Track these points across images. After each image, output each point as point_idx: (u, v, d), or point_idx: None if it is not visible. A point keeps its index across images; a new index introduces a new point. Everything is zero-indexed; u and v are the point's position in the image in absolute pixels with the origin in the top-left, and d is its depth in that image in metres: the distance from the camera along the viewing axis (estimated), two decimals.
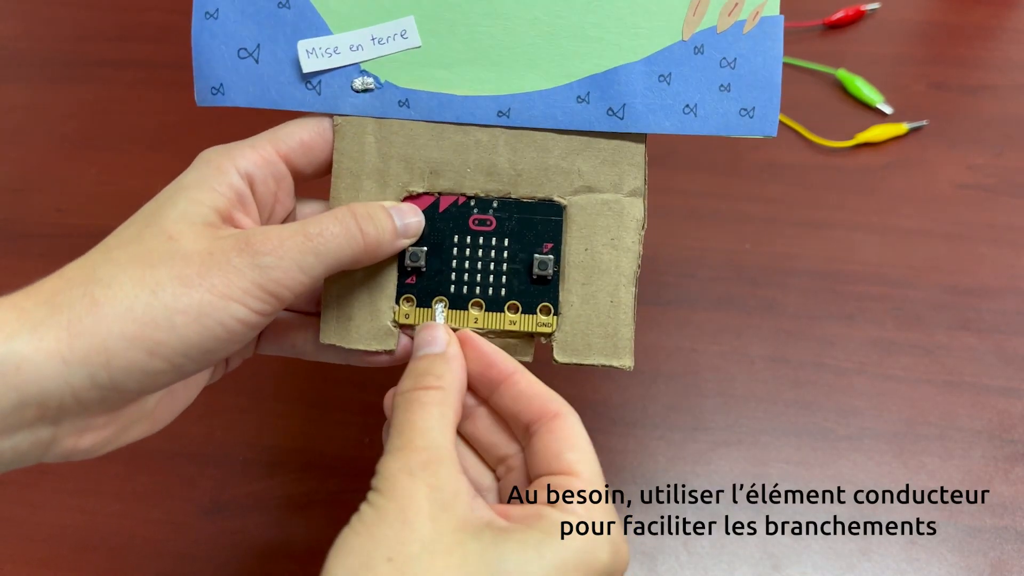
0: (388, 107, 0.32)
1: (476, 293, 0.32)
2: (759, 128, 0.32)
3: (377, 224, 0.29)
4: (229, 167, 0.29)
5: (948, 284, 0.50)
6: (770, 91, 0.31)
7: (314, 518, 0.42)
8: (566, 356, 0.32)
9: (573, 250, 0.32)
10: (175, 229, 0.27)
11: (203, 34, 0.31)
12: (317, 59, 0.31)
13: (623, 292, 0.32)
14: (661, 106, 0.31)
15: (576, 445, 0.28)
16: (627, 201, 0.32)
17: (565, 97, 0.31)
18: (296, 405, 0.46)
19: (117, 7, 0.65)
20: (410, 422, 0.27)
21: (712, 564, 0.41)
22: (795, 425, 0.45)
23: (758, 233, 0.52)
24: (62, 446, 0.27)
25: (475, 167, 0.32)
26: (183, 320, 0.25)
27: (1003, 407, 0.45)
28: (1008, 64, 0.60)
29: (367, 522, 0.25)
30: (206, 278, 0.26)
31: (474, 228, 0.32)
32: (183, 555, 0.41)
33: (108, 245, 0.27)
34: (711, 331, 0.48)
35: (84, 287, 0.25)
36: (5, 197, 0.55)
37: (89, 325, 0.25)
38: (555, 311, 0.32)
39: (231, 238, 0.27)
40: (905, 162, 0.55)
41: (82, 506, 0.43)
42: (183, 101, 0.59)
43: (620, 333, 0.32)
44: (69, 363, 0.25)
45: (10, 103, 0.60)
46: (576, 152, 0.32)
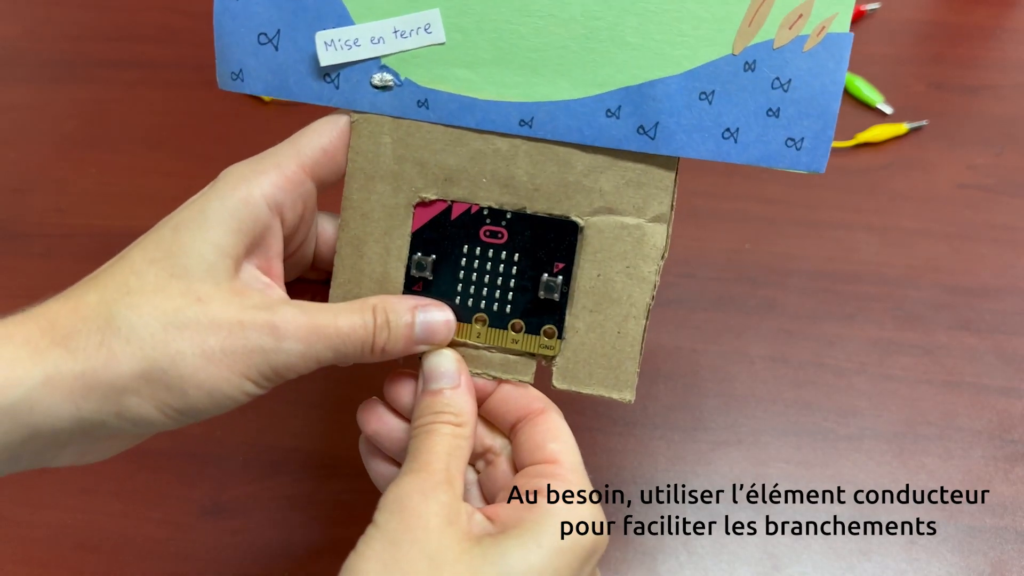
0: (407, 107, 0.30)
1: (481, 307, 0.31)
2: (806, 163, 0.28)
3: (391, 335, 0.29)
4: (258, 198, 0.28)
5: (948, 284, 0.50)
6: (824, 120, 0.28)
7: (314, 518, 0.42)
8: (565, 383, 0.31)
9: (585, 274, 0.30)
10: (203, 290, 0.26)
11: (224, 15, 0.30)
12: (336, 52, 0.30)
13: (632, 324, 0.30)
14: (698, 127, 0.28)
15: (558, 437, 0.29)
16: (649, 227, 0.30)
17: (593, 110, 0.29)
18: (296, 405, 0.46)
19: (117, 7, 0.65)
20: (428, 448, 0.28)
21: (712, 564, 0.41)
22: (795, 425, 0.45)
23: (758, 233, 0.52)
24: (64, 461, 0.28)
25: (492, 177, 0.30)
26: (196, 393, 0.26)
27: (1003, 407, 0.45)
28: (1008, 64, 0.60)
29: (375, 547, 0.25)
30: (228, 355, 0.26)
31: (485, 239, 0.31)
32: (183, 555, 0.41)
33: (128, 285, 0.26)
34: (711, 331, 0.48)
35: (102, 335, 0.25)
36: (5, 197, 0.55)
37: (105, 379, 0.25)
38: (559, 335, 0.31)
39: (264, 314, 0.27)
40: (905, 162, 0.55)
41: (82, 506, 0.43)
42: (183, 101, 0.59)
43: (624, 367, 0.30)
44: (82, 408, 0.25)
45: (10, 103, 0.60)
46: (600, 170, 0.30)
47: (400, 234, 0.31)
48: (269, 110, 0.58)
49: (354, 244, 0.31)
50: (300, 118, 0.31)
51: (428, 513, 0.25)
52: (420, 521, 0.25)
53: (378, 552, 0.25)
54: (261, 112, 0.58)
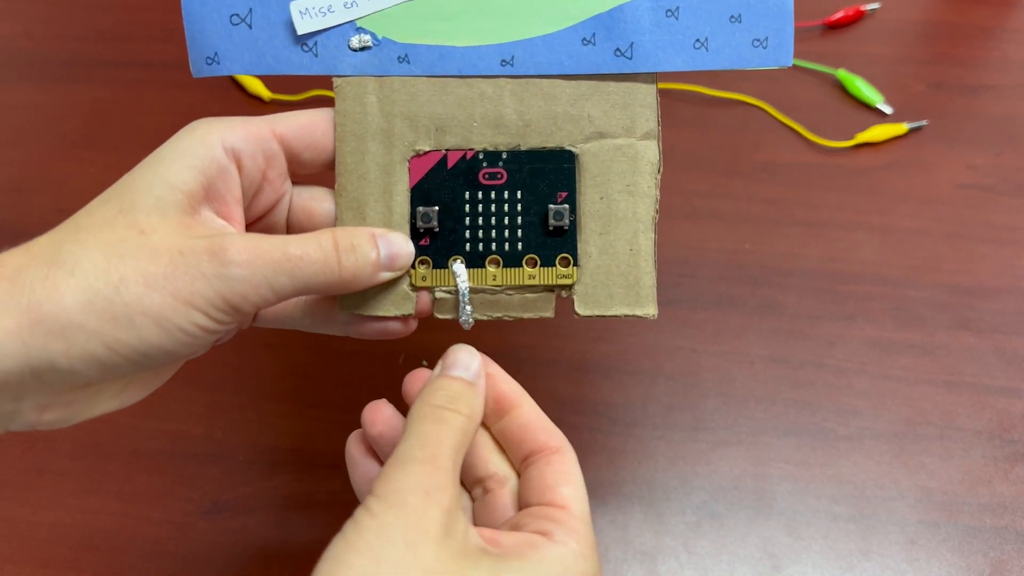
0: (388, 64, 0.31)
1: (492, 249, 0.31)
2: (774, 58, 0.30)
3: (359, 257, 0.28)
4: (214, 139, 0.28)
5: (948, 284, 0.50)
6: (783, 19, 0.30)
7: (314, 518, 0.42)
8: (588, 308, 0.31)
9: (588, 199, 0.31)
10: (147, 222, 0.26)
11: (193, 2, 0.30)
12: (311, 19, 0.30)
13: (642, 239, 0.31)
14: (671, 42, 0.30)
15: (572, 481, 0.28)
16: (641, 145, 0.31)
17: (570, 40, 0.30)
18: (296, 405, 0.46)
19: (117, 7, 0.65)
20: (438, 438, 0.26)
21: (712, 564, 0.41)
22: (795, 425, 0.45)
23: (758, 233, 0.52)
24: (25, 418, 0.27)
25: (482, 120, 0.31)
26: (143, 321, 0.25)
27: (1003, 407, 0.45)
28: (1008, 64, 0.60)
29: (368, 539, 0.24)
30: (171, 281, 0.25)
31: (484, 183, 0.31)
32: (183, 555, 0.41)
33: (79, 224, 0.27)
34: (711, 331, 0.48)
35: (48, 268, 0.25)
36: (5, 197, 0.55)
37: (49, 311, 0.25)
38: (575, 262, 0.31)
39: (205, 240, 0.26)
40: (905, 162, 0.55)
41: (82, 506, 0.43)
42: (183, 101, 0.59)
43: (642, 281, 0.31)
44: (29, 345, 0.24)
45: (10, 103, 0.60)
46: (585, 97, 0.31)
47: (399, 190, 0.31)
48: (270, 109, 0.58)
49: (354, 207, 0.31)
50: None
51: (429, 518, 0.24)
52: (420, 524, 0.24)
53: (370, 545, 0.23)
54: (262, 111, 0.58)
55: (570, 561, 0.26)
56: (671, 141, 0.55)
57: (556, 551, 0.26)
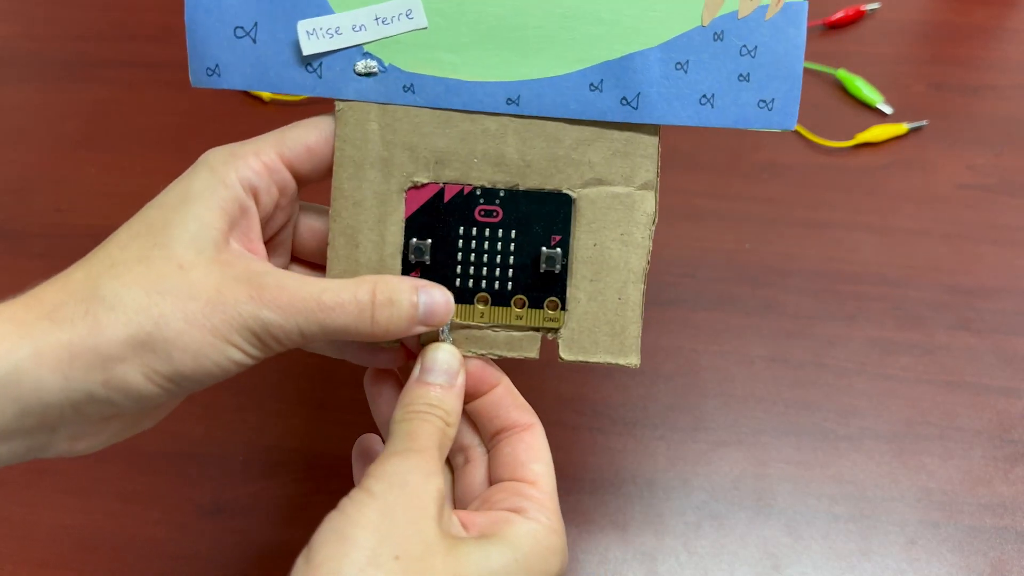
0: (392, 92, 0.30)
1: (482, 287, 0.31)
2: (778, 121, 0.30)
3: (394, 312, 0.28)
4: (233, 179, 0.28)
5: (948, 284, 0.50)
6: (791, 82, 0.30)
7: (314, 518, 0.42)
8: (572, 354, 0.31)
9: (582, 244, 0.31)
10: (186, 257, 0.27)
11: (196, 10, 0.30)
12: (318, 40, 0.30)
13: (631, 289, 0.31)
14: (677, 96, 0.30)
15: (541, 458, 0.30)
16: (638, 195, 0.31)
17: (577, 84, 0.30)
18: (296, 405, 0.46)
19: (117, 7, 0.65)
20: (426, 434, 0.28)
21: (712, 564, 0.41)
22: (795, 425, 0.45)
23: (758, 233, 0.52)
24: (57, 448, 0.27)
25: (483, 157, 0.31)
26: (180, 356, 0.26)
27: (1003, 407, 0.45)
28: (1008, 64, 0.60)
29: (369, 515, 0.25)
30: (209, 318, 0.26)
31: (480, 219, 0.31)
32: (183, 555, 0.41)
33: (112, 258, 0.27)
34: (711, 331, 0.48)
35: (88, 304, 0.26)
36: (5, 197, 0.55)
37: (91, 345, 0.25)
38: (563, 306, 0.31)
39: (244, 281, 0.27)
40: (905, 162, 0.55)
41: (82, 506, 0.43)
42: (183, 101, 0.59)
43: (627, 331, 0.31)
44: (69, 379, 0.25)
45: (10, 103, 0.60)
46: (587, 143, 0.31)
47: (394, 220, 0.31)
48: (269, 110, 0.58)
49: (347, 234, 0.31)
50: (300, 118, 0.31)
51: (428, 497, 0.25)
52: (421, 502, 0.25)
53: (374, 522, 0.24)
54: (261, 112, 0.58)
55: (542, 535, 0.27)
56: (671, 140, 0.55)
57: (529, 527, 0.27)
